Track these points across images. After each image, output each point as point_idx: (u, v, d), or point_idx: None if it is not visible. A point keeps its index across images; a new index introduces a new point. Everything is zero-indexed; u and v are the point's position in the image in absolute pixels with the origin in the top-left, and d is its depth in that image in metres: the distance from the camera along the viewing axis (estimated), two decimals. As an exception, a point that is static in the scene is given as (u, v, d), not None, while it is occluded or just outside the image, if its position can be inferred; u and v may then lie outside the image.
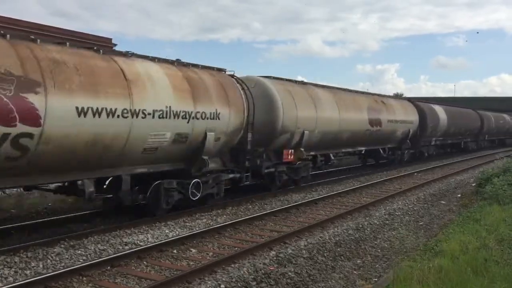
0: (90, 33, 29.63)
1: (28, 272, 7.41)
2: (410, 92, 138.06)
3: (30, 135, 7.81)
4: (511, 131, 50.48)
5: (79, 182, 9.58)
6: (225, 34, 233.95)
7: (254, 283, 7.43)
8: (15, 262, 7.72)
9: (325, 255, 9.25)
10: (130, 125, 9.46)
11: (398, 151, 25.14)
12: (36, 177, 8.73)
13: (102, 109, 8.82)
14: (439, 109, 30.17)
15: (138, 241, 9.33)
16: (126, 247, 8.91)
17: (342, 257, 9.40)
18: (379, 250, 10.15)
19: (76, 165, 9.07)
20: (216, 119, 11.72)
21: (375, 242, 10.65)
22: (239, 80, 13.54)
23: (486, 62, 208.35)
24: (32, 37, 8.53)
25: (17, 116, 7.54)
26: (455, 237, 9.55)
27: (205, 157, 11.64)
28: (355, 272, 8.74)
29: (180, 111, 10.62)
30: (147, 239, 9.53)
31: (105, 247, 8.87)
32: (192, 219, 11.44)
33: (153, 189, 10.89)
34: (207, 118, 11.44)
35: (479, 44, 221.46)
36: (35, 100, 7.76)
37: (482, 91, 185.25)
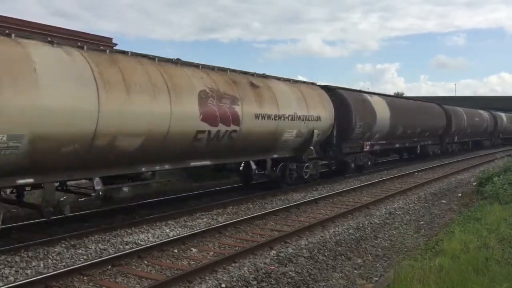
0: (90, 33, 29.63)
1: (29, 271, 7.41)
2: (411, 91, 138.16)
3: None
4: (489, 130, 42.34)
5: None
6: (225, 34, 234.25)
7: (255, 282, 7.43)
8: (16, 261, 7.73)
9: (326, 254, 9.25)
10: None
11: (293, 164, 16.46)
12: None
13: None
14: (377, 102, 21.68)
15: (138, 241, 9.33)
16: (127, 247, 8.91)
17: (342, 256, 9.39)
18: (379, 250, 10.14)
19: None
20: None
21: (376, 242, 10.65)
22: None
23: (486, 61, 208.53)
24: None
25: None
26: (456, 237, 9.53)
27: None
28: (355, 271, 8.74)
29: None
30: (148, 238, 9.54)
31: (105, 246, 8.88)
32: (193, 218, 11.45)
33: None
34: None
35: (479, 43, 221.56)
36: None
37: (483, 90, 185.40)
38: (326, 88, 18.34)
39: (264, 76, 14.81)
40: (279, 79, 15.56)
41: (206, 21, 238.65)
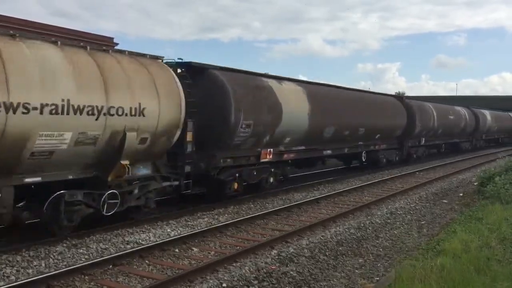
0: (92, 32, 29.63)
1: (30, 271, 7.42)
2: (412, 91, 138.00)
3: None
4: (469, 131, 35.53)
5: None
6: (225, 34, 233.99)
7: (256, 282, 7.42)
8: (17, 261, 7.74)
9: (327, 254, 9.24)
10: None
11: None
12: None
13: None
14: (288, 91, 15.22)
15: (140, 240, 9.34)
16: (128, 246, 8.91)
17: (344, 256, 9.39)
18: (381, 249, 10.13)
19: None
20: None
21: (377, 241, 10.64)
22: None
23: (487, 61, 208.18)
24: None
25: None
26: (457, 236, 9.53)
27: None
28: (357, 271, 8.73)
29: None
30: (149, 238, 9.54)
31: (107, 246, 8.88)
32: (194, 218, 11.45)
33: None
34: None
35: (480, 43, 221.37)
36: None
37: (483, 90, 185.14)
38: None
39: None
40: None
41: (206, 21, 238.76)
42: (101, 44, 14.42)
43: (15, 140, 7.74)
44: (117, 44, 28.15)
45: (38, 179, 8.54)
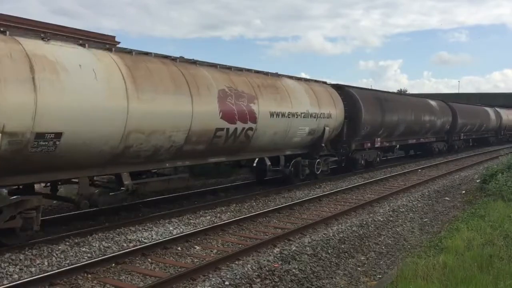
0: (93, 31, 29.63)
1: (33, 269, 7.44)
2: (413, 88, 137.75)
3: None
4: (445, 130, 29.97)
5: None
6: (226, 32, 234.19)
7: (258, 280, 7.43)
8: (20, 259, 7.75)
9: (329, 252, 9.24)
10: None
11: None
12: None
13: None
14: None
15: (142, 238, 9.35)
16: (131, 244, 8.93)
17: (346, 254, 9.39)
18: (383, 247, 10.14)
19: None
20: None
21: (379, 239, 10.64)
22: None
23: (489, 58, 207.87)
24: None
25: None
26: (460, 234, 9.53)
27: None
28: (359, 268, 8.74)
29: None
30: (152, 236, 9.56)
31: (109, 244, 8.90)
32: (196, 216, 11.46)
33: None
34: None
35: (482, 39, 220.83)
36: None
37: (486, 87, 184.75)
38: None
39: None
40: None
41: (208, 19, 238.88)
42: (103, 43, 14.42)
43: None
44: (119, 42, 28.16)
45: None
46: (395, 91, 44.47)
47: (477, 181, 18.27)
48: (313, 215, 12.20)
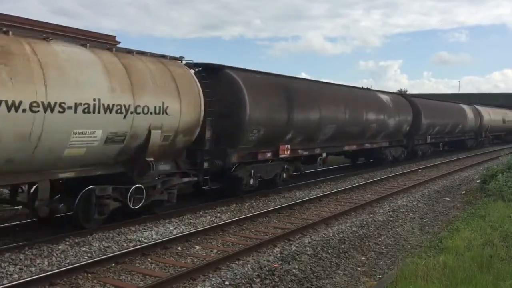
0: (93, 31, 29.61)
1: (33, 269, 7.43)
2: (413, 88, 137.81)
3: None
4: (404, 132, 24.20)
5: None
6: (226, 32, 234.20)
7: (258, 280, 7.43)
8: (20, 259, 7.75)
9: (329, 252, 9.24)
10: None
11: None
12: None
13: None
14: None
15: (142, 238, 9.35)
16: (131, 244, 8.93)
17: (346, 254, 9.39)
18: (383, 247, 10.13)
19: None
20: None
21: (379, 239, 10.64)
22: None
23: (489, 58, 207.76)
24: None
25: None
26: (460, 234, 9.52)
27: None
28: (359, 269, 8.73)
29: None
30: (152, 236, 9.55)
31: (109, 244, 8.89)
32: (196, 216, 11.46)
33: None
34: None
35: (482, 39, 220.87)
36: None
37: (486, 87, 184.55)
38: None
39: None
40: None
41: (208, 19, 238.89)
42: (104, 43, 14.42)
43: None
44: (119, 42, 28.16)
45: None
46: (395, 91, 43.53)
47: (477, 181, 18.26)
48: (313, 215, 12.19)
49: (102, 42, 19.59)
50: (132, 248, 8.46)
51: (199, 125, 11.37)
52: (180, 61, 11.69)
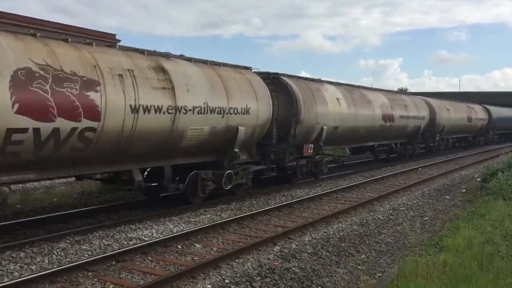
0: (94, 29, 29.60)
1: (33, 267, 7.44)
2: (413, 87, 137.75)
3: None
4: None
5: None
6: (226, 30, 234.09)
7: (259, 278, 7.43)
8: (21, 257, 7.76)
9: (329, 250, 9.24)
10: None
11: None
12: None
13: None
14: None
15: (142, 236, 9.35)
16: (131, 242, 8.93)
17: (346, 252, 9.39)
18: (383, 245, 10.14)
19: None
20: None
21: (380, 237, 10.64)
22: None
23: (489, 57, 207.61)
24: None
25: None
26: (460, 232, 9.52)
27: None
28: (359, 267, 8.74)
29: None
30: (152, 234, 9.56)
31: (110, 242, 8.90)
32: (197, 214, 11.46)
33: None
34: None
35: (482, 38, 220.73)
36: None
37: (485, 86, 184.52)
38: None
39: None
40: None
41: (208, 17, 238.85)
42: (104, 41, 14.42)
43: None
44: (119, 40, 28.17)
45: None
46: (395, 89, 43.17)
47: (478, 180, 18.26)
48: (314, 213, 12.20)
49: (102, 40, 19.60)
50: (132, 246, 8.46)
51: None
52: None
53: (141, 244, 8.65)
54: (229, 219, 10.85)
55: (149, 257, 8.18)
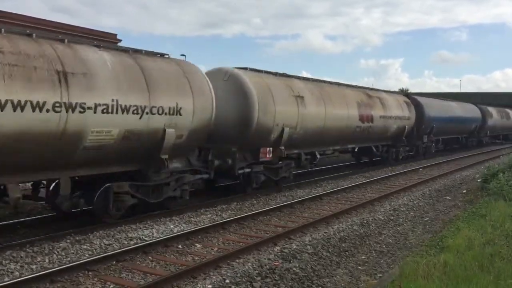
0: (94, 28, 29.61)
1: (34, 266, 7.44)
2: (414, 87, 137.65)
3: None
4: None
5: None
6: (227, 30, 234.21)
7: (259, 278, 7.43)
8: (21, 256, 7.76)
9: (330, 250, 9.24)
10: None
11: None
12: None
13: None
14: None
15: (143, 236, 9.36)
16: (132, 242, 8.93)
17: (346, 252, 9.39)
18: (384, 246, 10.13)
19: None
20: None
21: (380, 238, 10.64)
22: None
23: (490, 57, 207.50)
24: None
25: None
26: (461, 233, 9.52)
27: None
28: (360, 267, 8.73)
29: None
30: (152, 234, 9.56)
31: (110, 242, 8.90)
32: (197, 214, 11.46)
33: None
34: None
35: (483, 38, 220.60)
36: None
37: (486, 86, 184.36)
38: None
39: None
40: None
41: (208, 17, 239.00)
42: (105, 41, 14.43)
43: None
44: (120, 40, 28.20)
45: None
46: (396, 90, 43.28)
47: (478, 180, 18.23)
48: (314, 213, 12.19)
49: (103, 40, 19.61)
50: (133, 246, 8.46)
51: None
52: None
53: (142, 244, 8.66)
54: (230, 219, 10.85)
55: (150, 257, 8.18)
